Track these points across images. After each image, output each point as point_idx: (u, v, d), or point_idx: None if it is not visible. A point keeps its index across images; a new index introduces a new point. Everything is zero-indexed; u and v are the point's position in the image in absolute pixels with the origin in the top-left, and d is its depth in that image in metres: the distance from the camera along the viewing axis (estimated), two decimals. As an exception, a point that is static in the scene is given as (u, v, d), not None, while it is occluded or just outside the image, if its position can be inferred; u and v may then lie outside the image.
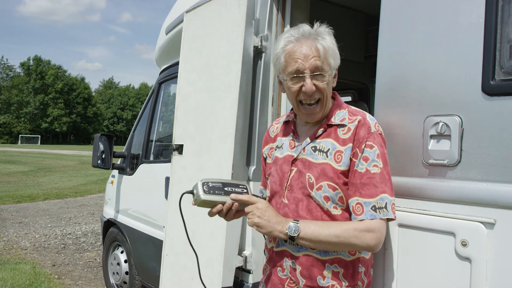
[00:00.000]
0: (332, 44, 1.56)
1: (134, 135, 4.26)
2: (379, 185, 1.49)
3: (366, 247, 1.48)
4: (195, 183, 1.56)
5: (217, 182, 1.57)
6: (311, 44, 1.52)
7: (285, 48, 1.55)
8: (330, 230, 1.47)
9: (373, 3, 2.20)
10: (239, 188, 1.60)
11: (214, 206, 1.56)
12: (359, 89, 4.30)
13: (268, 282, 1.70)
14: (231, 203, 1.56)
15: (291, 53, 1.53)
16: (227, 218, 1.62)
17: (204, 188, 1.54)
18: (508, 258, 1.36)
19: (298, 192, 1.60)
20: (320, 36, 1.54)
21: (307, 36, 1.54)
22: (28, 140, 78.76)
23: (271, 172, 1.74)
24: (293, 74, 1.54)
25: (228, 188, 1.58)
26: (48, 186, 14.20)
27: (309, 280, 1.57)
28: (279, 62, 1.58)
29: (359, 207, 1.50)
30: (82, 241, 7.00)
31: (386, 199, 1.48)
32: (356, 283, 1.59)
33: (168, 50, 3.74)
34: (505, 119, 1.37)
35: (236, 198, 1.56)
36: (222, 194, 1.56)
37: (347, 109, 1.64)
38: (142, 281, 3.87)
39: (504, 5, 1.40)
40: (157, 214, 3.54)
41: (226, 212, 1.58)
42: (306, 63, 1.51)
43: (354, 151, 1.54)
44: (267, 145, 1.84)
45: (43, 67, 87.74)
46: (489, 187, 1.40)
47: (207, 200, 1.54)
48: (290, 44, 1.54)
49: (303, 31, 1.55)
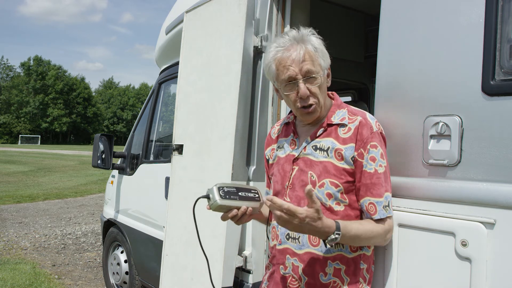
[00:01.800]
0: (319, 45, 1.59)
1: (134, 135, 4.26)
2: (384, 184, 1.56)
3: (385, 244, 1.62)
4: (210, 188, 1.55)
5: (231, 187, 1.58)
6: (299, 48, 1.55)
7: (275, 56, 1.59)
8: (367, 235, 1.52)
9: (373, 3, 2.20)
10: (252, 193, 1.62)
11: (229, 211, 1.56)
12: (359, 89, 4.30)
13: (271, 279, 1.71)
14: (246, 208, 1.57)
15: (281, 61, 1.57)
16: (238, 223, 1.63)
17: (220, 193, 1.53)
18: (508, 258, 1.36)
19: (300, 191, 1.62)
20: (306, 39, 1.57)
21: (294, 41, 1.56)
22: (28, 140, 78.76)
23: (273, 172, 1.77)
24: (287, 81, 1.57)
25: (242, 193, 1.58)
26: (48, 186, 14.20)
27: (311, 277, 1.58)
28: (271, 71, 1.62)
29: (372, 206, 1.55)
30: (82, 241, 7.00)
31: (389, 197, 1.57)
32: (358, 279, 1.60)
33: (168, 50, 3.74)
34: (505, 119, 1.37)
35: (289, 209, 1.38)
36: (237, 199, 1.56)
37: (346, 108, 1.67)
38: (142, 281, 3.87)
39: (504, 5, 1.40)
40: (157, 214, 3.54)
41: (240, 216, 1.58)
42: (296, 69, 1.54)
43: (359, 152, 1.56)
44: (269, 147, 1.86)
45: (43, 67, 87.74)
46: (489, 187, 1.40)
47: (223, 205, 1.54)
48: (279, 53, 1.58)
49: (289, 37, 1.58)
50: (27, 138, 79.40)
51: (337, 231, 1.42)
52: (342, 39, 3.56)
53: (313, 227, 1.39)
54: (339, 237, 1.42)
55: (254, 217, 1.71)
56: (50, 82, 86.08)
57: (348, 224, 1.48)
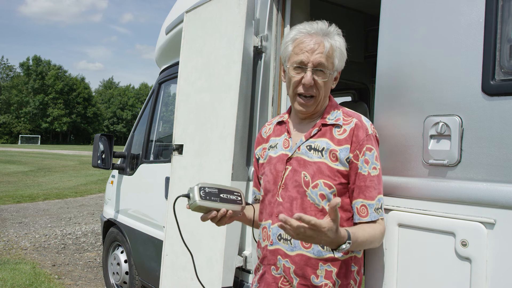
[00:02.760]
0: (341, 46, 1.61)
1: (134, 135, 4.26)
2: (377, 187, 1.57)
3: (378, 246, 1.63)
4: (192, 187, 1.55)
5: (213, 188, 1.57)
6: (321, 40, 1.57)
7: (296, 37, 1.60)
8: (369, 240, 1.53)
9: (373, 3, 2.20)
10: (234, 196, 1.61)
11: (208, 212, 1.56)
12: (359, 89, 4.30)
13: (261, 280, 1.70)
14: (225, 210, 1.57)
15: (299, 44, 1.59)
16: (218, 224, 1.62)
17: (201, 193, 1.53)
18: (508, 258, 1.36)
19: (292, 191, 1.61)
20: (330, 35, 1.59)
21: (319, 32, 1.58)
22: (28, 140, 78.76)
23: (264, 172, 1.75)
24: (297, 64, 1.58)
25: (223, 195, 1.58)
26: (48, 186, 14.20)
27: (303, 278, 1.58)
28: (287, 50, 1.63)
29: (364, 209, 1.56)
30: (82, 241, 7.00)
31: (381, 199, 1.58)
32: (349, 282, 1.60)
33: (168, 50, 3.74)
34: (505, 119, 1.37)
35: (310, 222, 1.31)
36: (218, 200, 1.56)
37: (341, 110, 1.68)
38: (142, 281, 3.87)
39: (504, 5, 1.40)
40: (157, 214, 3.54)
41: (219, 218, 1.58)
42: (311, 57, 1.56)
43: (355, 153, 1.56)
44: (260, 146, 1.85)
45: (43, 67, 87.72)
46: (489, 187, 1.40)
47: (203, 206, 1.54)
48: (300, 35, 1.59)
49: (316, 26, 1.60)
50: (27, 138, 79.41)
51: (348, 240, 1.41)
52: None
53: (329, 238, 1.35)
54: (350, 245, 1.41)
55: (236, 219, 1.71)
56: (50, 82, 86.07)
57: (356, 232, 1.47)
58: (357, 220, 1.58)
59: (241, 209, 1.63)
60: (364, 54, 3.86)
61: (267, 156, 1.76)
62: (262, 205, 1.76)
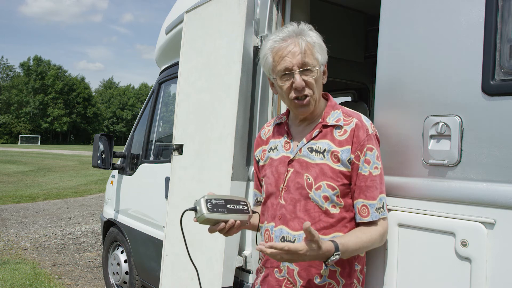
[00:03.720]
0: (318, 39, 1.60)
1: (134, 135, 4.26)
2: (378, 186, 1.56)
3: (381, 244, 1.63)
4: (198, 200, 1.52)
5: (219, 199, 1.54)
6: (297, 41, 1.56)
7: (272, 47, 1.59)
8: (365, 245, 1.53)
9: (373, 3, 2.20)
10: (240, 205, 1.58)
11: (216, 224, 1.54)
12: (359, 89, 4.30)
13: (264, 283, 1.69)
14: (233, 221, 1.54)
15: (277, 52, 1.57)
16: (226, 235, 1.60)
17: (208, 206, 1.50)
18: (508, 258, 1.36)
19: (295, 193, 1.61)
20: (304, 33, 1.58)
21: (291, 34, 1.57)
22: (28, 140, 78.76)
23: (266, 174, 1.74)
24: (283, 72, 1.57)
25: (230, 206, 1.55)
26: (48, 186, 14.20)
27: (307, 280, 1.57)
28: (267, 62, 1.62)
29: (364, 209, 1.56)
30: (82, 241, 7.00)
31: (383, 199, 1.58)
32: (352, 281, 1.60)
33: (168, 50, 3.74)
34: (505, 119, 1.37)
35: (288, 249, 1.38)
36: (225, 212, 1.53)
37: (341, 109, 1.67)
38: (142, 281, 3.87)
39: (504, 5, 1.40)
40: (157, 214, 3.54)
41: (228, 229, 1.56)
42: (293, 60, 1.55)
43: (356, 154, 1.56)
44: (259, 148, 1.84)
45: (43, 67, 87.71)
46: (489, 187, 1.40)
47: (211, 218, 1.51)
48: (275, 44, 1.58)
49: (287, 30, 1.59)
50: (27, 138, 79.40)
51: (336, 251, 1.42)
52: (342, 39, 3.56)
53: (312, 256, 1.39)
54: (339, 256, 1.42)
55: (243, 228, 1.68)
56: (50, 82, 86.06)
57: (346, 241, 1.47)
58: (358, 220, 1.58)
59: (248, 218, 1.59)
60: (364, 54, 3.86)
61: (267, 158, 1.75)
62: (263, 207, 1.75)
